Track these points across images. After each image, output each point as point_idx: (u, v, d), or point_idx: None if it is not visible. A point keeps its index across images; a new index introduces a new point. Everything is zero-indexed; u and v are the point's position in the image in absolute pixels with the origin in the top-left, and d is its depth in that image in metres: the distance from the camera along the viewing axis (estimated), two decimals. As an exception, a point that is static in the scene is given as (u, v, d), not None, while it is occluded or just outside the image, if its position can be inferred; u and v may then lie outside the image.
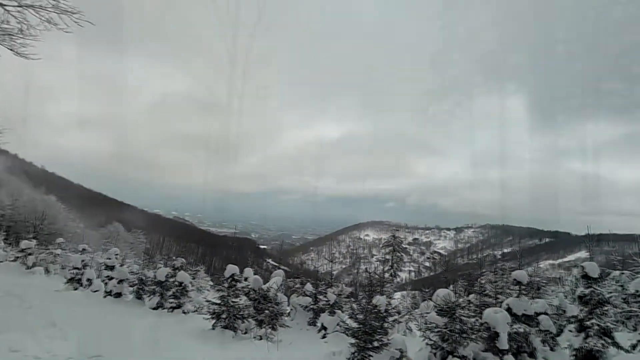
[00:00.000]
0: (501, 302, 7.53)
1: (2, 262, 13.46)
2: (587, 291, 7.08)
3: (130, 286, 10.75)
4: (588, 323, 6.89)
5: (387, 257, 17.88)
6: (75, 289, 11.24)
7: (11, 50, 5.61)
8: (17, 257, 13.62)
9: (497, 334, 6.50)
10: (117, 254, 12.84)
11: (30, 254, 13.43)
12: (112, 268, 11.46)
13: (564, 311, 8.40)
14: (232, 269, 8.95)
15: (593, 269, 7.13)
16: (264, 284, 9.67)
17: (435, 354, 6.29)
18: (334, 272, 11.65)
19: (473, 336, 6.24)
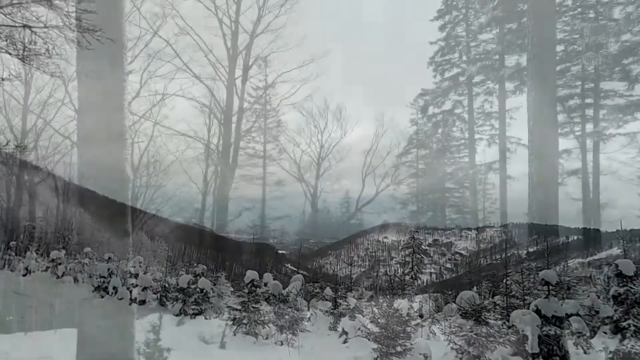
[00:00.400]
0: (529, 303, 7.24)
1: (34, 272, 14.07)
2: (621, 290, 6.72)
3: (154, 293, 10.99)
4: (624, 324, 6.54)
5: (407, 259, 17.62)
6: (102, 297, 11.59)
7: (38, 69, 5.91)
8: (48, 267, 14.19)
9: (526, 337, 6.26)
10: (140, 262, 13.20)
11: (60, 264, 13.95)
12: (136, 276, 11.77)
13: (597, 312, 8.00)
14: (251, 274, 9.01)
15: (628, 267, 6.77)
16: (284, 289, 9.68)
17: (461, 358, 6.12)
18: (353, 276, 11.53)
19: (501, 340, 6.04)
